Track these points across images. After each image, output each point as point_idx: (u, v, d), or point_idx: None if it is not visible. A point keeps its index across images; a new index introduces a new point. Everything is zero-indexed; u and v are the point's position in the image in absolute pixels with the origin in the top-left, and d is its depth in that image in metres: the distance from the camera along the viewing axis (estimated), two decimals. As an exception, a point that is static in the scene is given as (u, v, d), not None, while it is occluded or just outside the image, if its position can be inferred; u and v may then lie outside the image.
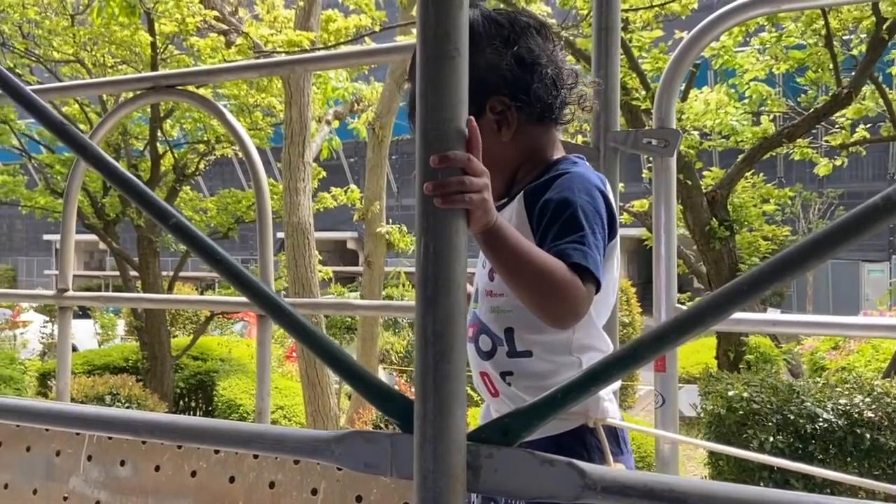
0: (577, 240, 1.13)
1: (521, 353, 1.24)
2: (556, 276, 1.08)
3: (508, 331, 1.25)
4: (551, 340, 1.23)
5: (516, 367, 1.25)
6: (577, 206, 1.16)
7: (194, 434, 1.05)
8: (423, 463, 0.87)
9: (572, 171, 1.24)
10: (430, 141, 0.89)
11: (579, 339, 1.24)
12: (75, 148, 1.14)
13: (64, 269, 2.29)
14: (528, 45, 1.25)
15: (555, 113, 1.28)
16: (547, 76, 1.25)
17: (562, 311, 1.12)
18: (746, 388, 4.71)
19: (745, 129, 6.42)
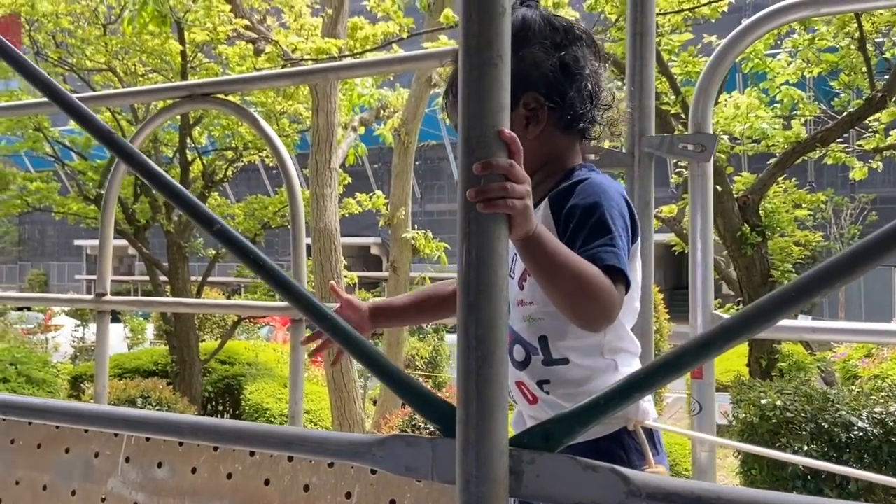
0: (607, 242, 1.14)
1: (558, 361, 1.25)
2: (593, 281, 1.10)
3: (542, 339, 1.26)
4: (585, 345, 1.24)
5: (553, 375, 1.26)
6: (604, 209, 1.18)
7: (238, 437, 1.07)
8: (466, 467, 0.87)
9: (594, 176, 1.27)
10: (472, 148, 0.89)
11: (611, 342, 1.26)
12: (122, 156, 1.17)
13: (102, 274, 2.33)
14: (575, 55, 1.28)
15: (583, 125, 1.30)
16: (585, 88, 1.28)
17: (597, 314, 1.13)
18: (780, 397, 4.63)
19: (777, 134, 6.34)
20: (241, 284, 22.31)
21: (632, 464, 1.22)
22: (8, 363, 8.56)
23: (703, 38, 6.68)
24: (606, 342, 1.25)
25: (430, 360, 12.46)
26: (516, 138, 0.91)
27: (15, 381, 8.40)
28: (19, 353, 9.21)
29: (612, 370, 1.25)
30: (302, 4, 8.30)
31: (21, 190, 10.54)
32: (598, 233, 1.16)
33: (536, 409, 1.30)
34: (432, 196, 29.45)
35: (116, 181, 2.34)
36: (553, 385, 1.26)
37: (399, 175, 8.41)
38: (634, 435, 1.24)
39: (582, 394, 1.23)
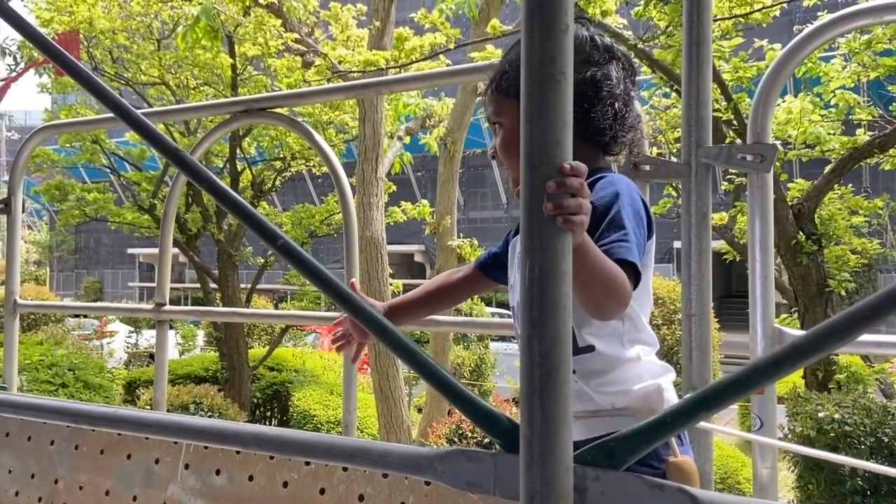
0: (622, 238, 1.21)
1: (584, 349, 1.30)
2: (617, 280, 1.17)
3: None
4: (606, 333, 1.31)
5: (579, 364, 1.29)
6: (620, 206, 1.25)
7: (300, 448, 1.08)
8: (531, 484, 0.87)
9: (610, 175, 1.34)
10: (535, 164, 0.90)
11: (629, 332, 1.33)
12: (188, 172, 1.20)
13: (161, 285, 2.40)
14: (608, 73, 1.34)
15: (604, 140, 1.37)
16: (610, 106, 1.33)
17: (612, 306, 1.20)
18: (838, 410, 4.50)
19: (833, 139, 6.16)
20: (288, 291, 22.65)
21: (657, 452, 1.26)
22: (66, 369, 8.83)
23: (755, 43, 6.55)
24: (625, 331, 1.32)
25: (475, 368, 12.44)
26: (579, 166, 0.94)
27: (73, 387, 8.66)
28: (77, 358, 9.49)
29: (634, 360, 1.32)
30: (348, 17, 8.42)
31: (79, 200, 10.90)
32: (614, 228, 1.22)
33: None
34: (475, 204, 29.45)
35: (175, 194, 2.41)
36: (580, 374, 1.30)
37: (445, 184, 8.44)
38: None
39: (608, 382, 1.29)
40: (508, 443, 0.94)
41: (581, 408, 1.30)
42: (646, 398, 1.29)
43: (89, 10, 9.45)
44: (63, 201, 10.92)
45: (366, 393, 9.31)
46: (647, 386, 1.30)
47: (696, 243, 1.56)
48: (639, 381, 1.30)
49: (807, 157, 6.73)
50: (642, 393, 1.29)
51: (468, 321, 3.51)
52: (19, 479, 2.36)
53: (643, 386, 1.29)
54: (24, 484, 2.35)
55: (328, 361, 12.20)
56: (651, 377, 1.31)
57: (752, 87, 6.20)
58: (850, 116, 6.86)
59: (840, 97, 6.64)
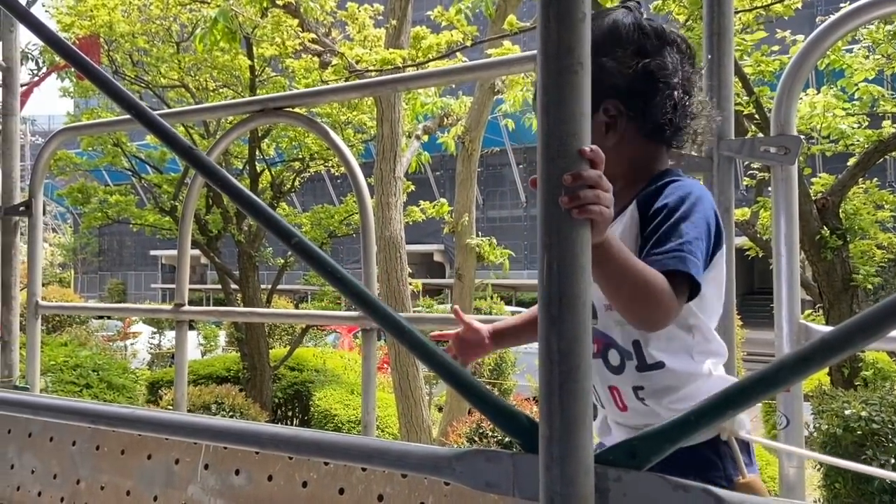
0: (678, 247, 1.14)
1: (652, 366, 1.24)
2: (651, 288, 1.10)
3: (635, 343, 1.24)
4: (675, 347, 1.23)
5: (647, 381, 1.24)
6: (686, 213, 1.17)
7: (318, 448, 1.07)
8: (550, 485, 0.85)
9: (684, 180, 1.26)
10: (552, 156, 0.87)
11: (699, 344, 1.25)
12: (203, 172, 1.19)
13: (180, 285, 2.40)
14: (662, 61, 1.25)
15: (666, 135, 1.28)
16: (670, 98, 1.25)
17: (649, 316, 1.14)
18: (864, 407, 4.42)
19: (857, 132, 6.06)
20: (308, 292, 22.76)
21: (726, 472, 1.21)
22: (91, 369, 8.94)
23: (777, 34, 6.45)
24: (695, 344, 1.24)
25: (496, 367, 12.42)
26: (598, 152, 0.90)
27: (97, 387, 8.77)
28: (101, 359, 9.61)
29: (705, 375, 1.25)
30: (365, 16, 8.42)
31: (101, 203, 11.02)
32: (673, 236, 1.15)
33: (626, 416, 1.29)
34: (494, 202, 29.40)
35: (193, 196, 2.41)
36: (647, 391, 1.24)
37: (463, 182, 8.42)
38: (729, 443, 1.23)
39: (678, 399, 1.23)
40: (528, 442, 0.92)
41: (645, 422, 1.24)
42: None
43: (109, 15, 9.55)
44: (86, 204, 11.05)
45: (386, 392, 9.32)
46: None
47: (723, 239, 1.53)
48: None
49: (830, 152, 6.62)
50: None
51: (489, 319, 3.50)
52: (42, 479, 2.38)
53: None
54: (46, 484, 2.37)
55: (348, 361, 12.24)
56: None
57: (775, 80, 6.11)
58: (874, 109, 6.74)
59: (864, 90, 6.52)
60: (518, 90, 7.82)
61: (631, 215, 1.24)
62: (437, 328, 2.00)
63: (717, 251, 1.23)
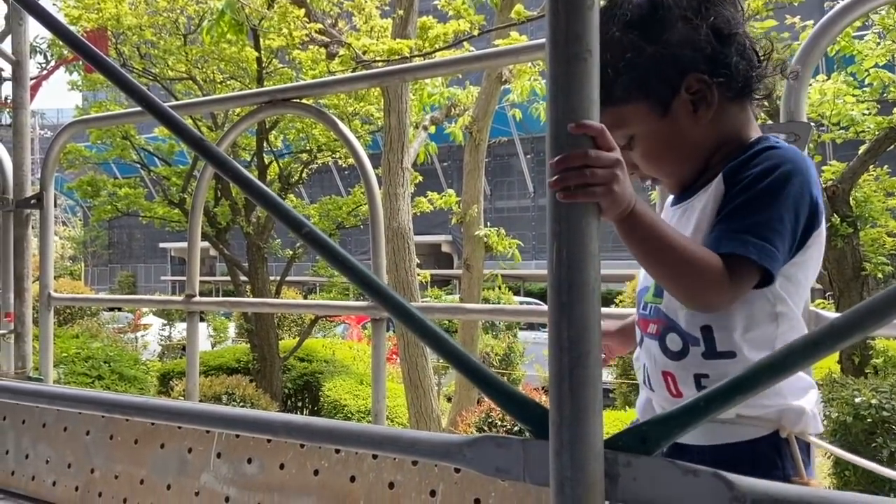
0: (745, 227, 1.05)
1: (722, 354, 1.13)
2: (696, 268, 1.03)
3: (706, 329, 1.14)
4: (755, 337, 1.13)
5: (714, 370, 1.15)
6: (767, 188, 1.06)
7: (330, 436, 1.08)
8: (560, 470, 0.85)
9: (781, 147, 1.13)
10: (561, 145, 0.88)
11: (785, 334, 1.13)
12: (214, 162, 1.20)
13: (191, 276, 2.42)
14: (724, 15, 1.14)
15: (754, 87, 1.18)
16: (747, 47, 1.15)
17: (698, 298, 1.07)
18: (875, 395, 4.41)
19: (868, 119, 6.01)
20: (317, 283, 22.82)
21: (785, 471, 1.13)
22: (102, 361, 9.01)
23: (786, 20, 6.40)
24: (780, 334, 1.12)
25: (505, 356, 12.44)
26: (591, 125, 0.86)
27: (109, 379, 8.84)
28: (112, 351, 9.68)
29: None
30: (372, 7, 8.41)
31: (111, 196, 11.08)
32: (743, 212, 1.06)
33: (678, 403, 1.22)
34: (502, 193, 29.35)
35: (203, 187, 2.42)
36: (712, 380, 1.14)
37: (471, 173, 8.41)
38: (789, 443, 1.14)
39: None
40: (538, 429, 0.92)
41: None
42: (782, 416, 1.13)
43: (116, 7, 9.57)
44: (95, 197, 11.11)
45: (395, 383, 9.36)
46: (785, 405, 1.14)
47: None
48: (777, 397, 1.13)
49: (841, 139, 6.57)
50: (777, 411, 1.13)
51: (497, 308, 3.47)
52: (56, 468, 2.41)
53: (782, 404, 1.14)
54: (61, 473, 2.40)
55: (357, 352, 12.29)
56: (792, 394, 1.14)
57: (784, 67, 6.05)
58: (885, 95, 6.68)
59: (874, 76, 6.47)
60: (525, 80, 7.79)
61: (716, 187, 1.13)
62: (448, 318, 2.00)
63: (814, 231, 1.12)
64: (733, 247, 1.04)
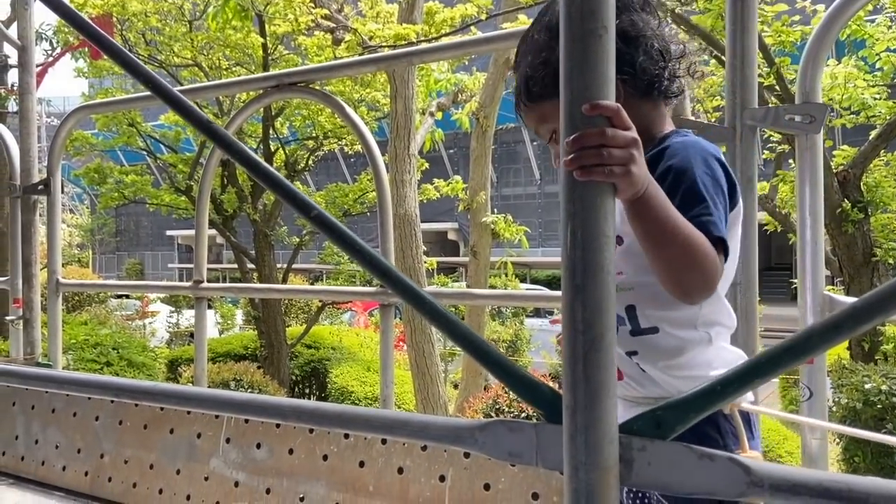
0: (703, 211, 1.09)
1: (647, 331, 1.20)
2: (701, 250, 1.04)
3: (630, 308, 1.20)
4: (678, 315, 1.18)
5: (642, 346, 1.20)
6: (697, 176, 1.12)
7: (340, 420, 1.08)
8: (575, 454, 0.84)
9: (687, 139, 1.21)
10: (576, 124, 0.86)
11: (706, 315, 1.19)
12: (221, 144, 1.18)
13: (198, 262, 2.41)
14: (632, 20, 1.22)
15: (663, 86, 1.24)
16: (653, 49, 1.22)
17: (700, 286, 1.08)
18: (885, 381, 4.39)
19: (879, 104, 5.94)
20: (324, 271, 22.85)
21: (727, 448, 1.17)
22: (111, 348, 9.05)
23: (797, 3, 6.33)
24: (702, 315, 1.19)
25: (511, 343, 12.45)
26: (606, 106, 0.85)
27: (117, 365, 8.88)
28: (120, 338, 9.72)
29: (705, 342, 1.20)
30: (378, -9, 8.35)
31: (117, 183, 11.09)
32: (693, 199, 1.10)
33: (623, 385, 1.24)
34: (508, 180, 29.27)
35: (209, 173, 2.41)
36: (642, 356, 1.20)
37: (477, 159, 8.38)
38: (730, 418, 1.18)
39: (675, 366, 1.19)
40: (550, 413, 0.91)
41: (643, 393, 1.22)
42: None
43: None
44: (102, 184, 11.12)
45: (402, 370, 9.38)
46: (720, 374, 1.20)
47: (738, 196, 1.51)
48: (709, 368, 1.19)
49: (851, 124, 6.50)
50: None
51: (506, 293, 3.45)
52: (66, 453, 2.42)
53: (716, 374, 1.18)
54: (70, 459, 2.41)
55: (364, 339, 12.32)
56: (723, 364, 1.19)
57: (796, 51, 6.00)
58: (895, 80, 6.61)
59: (886, 60, 6.39)
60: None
61: None
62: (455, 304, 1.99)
63: (734, 211, 1.18)
64: (709, 227, 1.07)
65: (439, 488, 1.77)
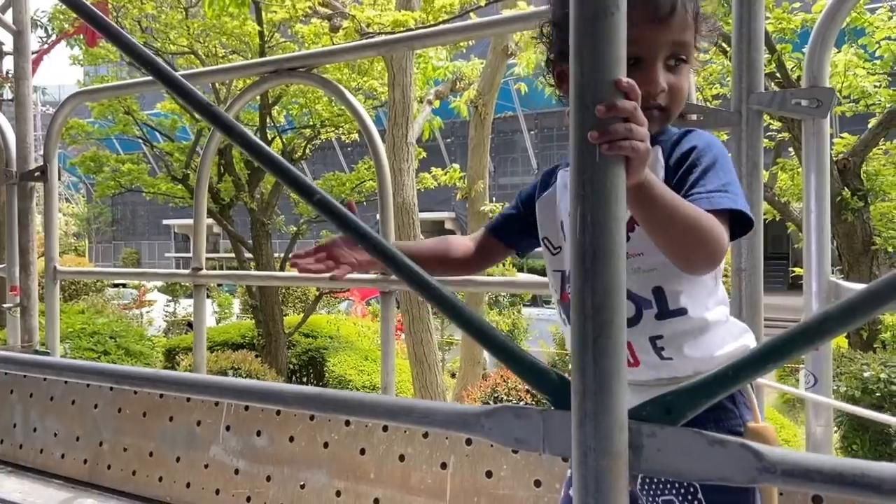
0: (722, 187, 1.10)
1: (675, 312, 1.17)
2: (705, 226, 1.05)
3: (657, 290, 1.18)
4: (699, 293, 1.18)
5: (668, 330, 1.18)
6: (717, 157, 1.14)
7: (343, 406, 1.06)
8: (584, 441, 0.83)
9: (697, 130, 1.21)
10: (586, 104, 0.84)
11: (721, 291, 1.21)
12: (221, 128, 1.16)
13: (197, 250, 2.39)
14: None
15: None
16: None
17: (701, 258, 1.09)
18: (883, 369, 4.40)
19: (879, 92, 5.92)
20: (321, 260, 22.80)
21: (742, 418, 1.17)
22: (108, 336, 9.04)
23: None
24: (718, 292, 1.20)
25: (509, 332, 12.46)
26: (634, 86, 0.85)
27: (115, 354, 8.87)
28: (118, 327, 9.71)
29: (723, 322, 1.21)
30: (375, -22, 8.29)
31: (114, 172, 11.03)
32: (713, 176, 1.11)
33: (637, 371, 1.21)
34: (505, 169, 29.22)
35: (208, 160, 2.39)
36: (667, 340, 1.18)
37: (476, 147, 8.35)
38: (743, 390, 1.18)
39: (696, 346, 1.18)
40: (558, 399, 0.90)
41: (655, 376, 1.20)
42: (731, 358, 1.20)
43: (117, -20, 9.45)
44: (98, 172, 11.07)
45: (400, 358, 9.38)
46: (734, 347, 1.20)
47: (746, 195, 1.49)
48: (724, 345, 1.20)
49: (851, 112, 6.48)
50: (728, 354, 1.18)
51: (508, 280, 3.42)
52: (65, 441, 2.41)
53: (729, 349, 1.19)
54: (69, 447, 2.39)
55: (361, 328, 12.32)
56: (734, 339, 1.21)
57: (796, 38, 5.97)
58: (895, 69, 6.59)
59: (885, 48, 6.37)
60: (532, 52, 7.70)
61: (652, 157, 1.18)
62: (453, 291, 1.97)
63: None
64: (727, 203, 1.08)
65: (441, 475, 1.76)
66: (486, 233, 1.43)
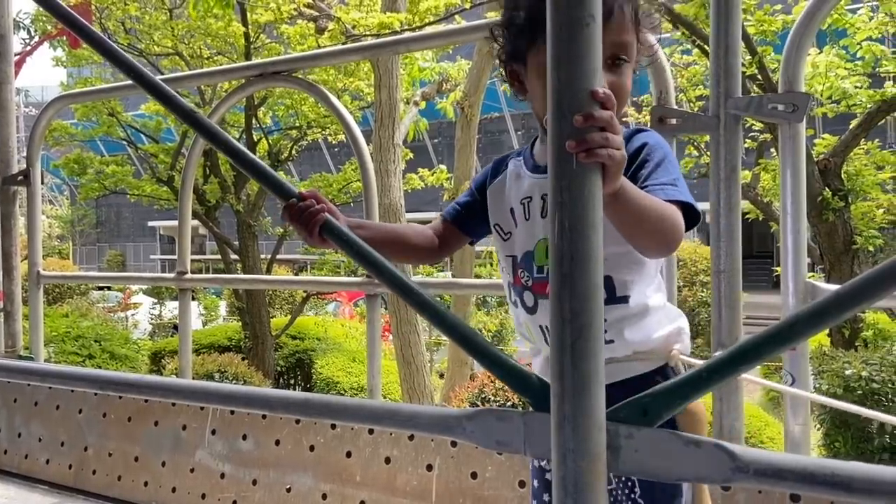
0: (672, 182, 1.18)
1: (620, 300, 1.25)
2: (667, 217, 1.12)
3: (607, 279, 1.23)
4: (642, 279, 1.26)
5: (612, 315, 1.23)
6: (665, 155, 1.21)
7: (328, 411, 1.07)
8: (563, 442, 0.85)
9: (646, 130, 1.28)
10: (564, 112, 0.86)
11: (658, 278, 1.30)
12: (204, 133, 1.17)
13: (182, 253, 2.39)
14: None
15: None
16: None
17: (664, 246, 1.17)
18: (865, 367, 4.45)
19: (860, 93, 5.99)
20: (307, 261, 22.77)
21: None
22: (93, 340, 8.98)
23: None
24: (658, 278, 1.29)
25: (497, 333, 12.49)
26: (611, 96, 0.88)
27: (100, 357, 8.81)
28: (103, 330, 9.64)
29: (660, 307, 1.29)
30: (361, -20, 8.29)
31: (98, 174, 10.96)
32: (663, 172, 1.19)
33: None
34: (492, 169, 29.19)
35: (192, 163, 2.39)
36: (610, 324, 1.23)
37: (462, 148, 8.37)
38: (675, 371, 1.27)
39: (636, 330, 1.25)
40: (538, 402, 0.92)
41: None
42: (667, 340, 1.28)
43: (100, -19, 9.39)
44: (82, 175, 10.99)
45: (388, 360, 9.38)
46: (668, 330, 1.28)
47: (724, 198, 1.52)
48: (660, 328, 1.27)
49: (832, 113, 6.56)
50: (664, 336, 1.27)
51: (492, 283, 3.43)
52: (49, 447, 2.40)
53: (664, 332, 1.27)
54: (54, 452, 2.39)
55: (349, 329, 12.30)
56: (670, 322, 1.29)
57: (777, 40, 6.03)
58: (876, 69, 6.66)
59: (866, 49, 6.44)
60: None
61: None
62: (441, 293, 1.98)
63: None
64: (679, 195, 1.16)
65: (426, 477, 1.78)
66: (442, 221, 1.46)
